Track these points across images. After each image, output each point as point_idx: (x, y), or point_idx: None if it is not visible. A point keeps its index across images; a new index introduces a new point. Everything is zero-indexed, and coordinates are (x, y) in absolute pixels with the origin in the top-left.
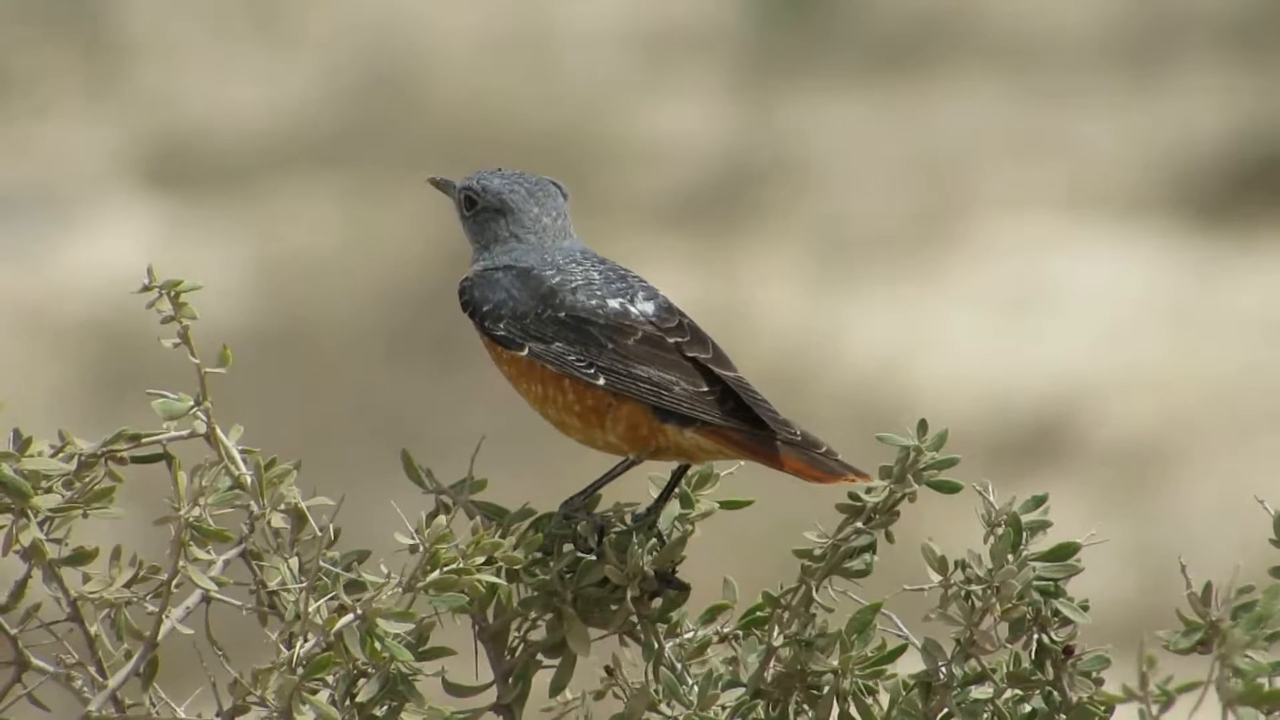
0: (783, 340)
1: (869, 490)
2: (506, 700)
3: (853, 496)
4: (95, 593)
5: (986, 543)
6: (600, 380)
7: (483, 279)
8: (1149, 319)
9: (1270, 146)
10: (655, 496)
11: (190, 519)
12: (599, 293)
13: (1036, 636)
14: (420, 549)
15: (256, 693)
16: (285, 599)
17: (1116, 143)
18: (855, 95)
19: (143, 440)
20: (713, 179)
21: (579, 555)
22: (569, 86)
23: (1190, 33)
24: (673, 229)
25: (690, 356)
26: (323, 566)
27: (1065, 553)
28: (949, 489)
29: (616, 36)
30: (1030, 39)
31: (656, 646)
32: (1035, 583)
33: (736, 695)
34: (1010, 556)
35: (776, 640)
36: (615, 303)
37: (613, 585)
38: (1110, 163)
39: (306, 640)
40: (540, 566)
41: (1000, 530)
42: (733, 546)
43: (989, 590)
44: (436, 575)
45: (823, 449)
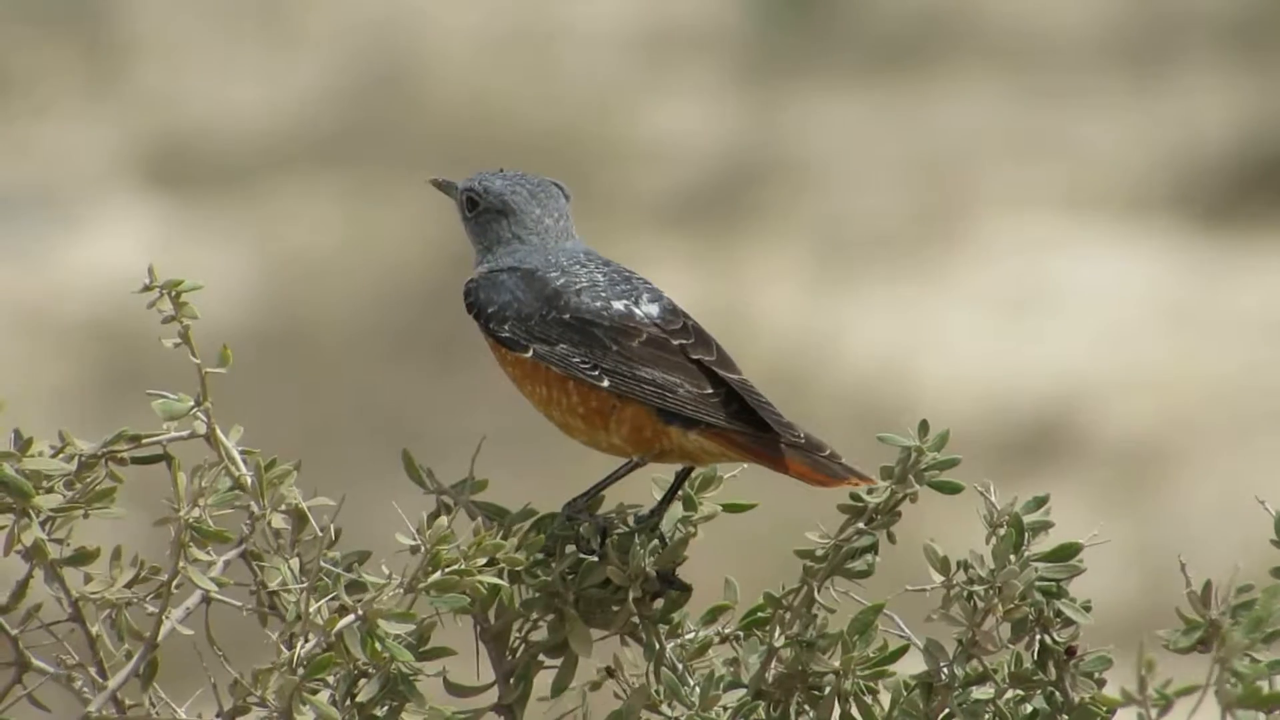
0: (783, 340)
1: (870, 491)
2: (508, 701)
3: (854, 497)
4: (97, 593)
5: (988, 543)
6: (605, 382)
7: (488, 280)
8: (1149, 319)
9: (1271, 147)
10: (658, 498)
11: (190, 520)
12: (603, 294)
13: (1038, 637)
14: (421, 550)
15: (257, 693)
16: (286, 599)
17: (1117, 143)
18: (856, 95)
19: (143, 441)
20: (713, 179)
21: (581, 556)
22: (570, 86)
23: (1191, 32)
24: (673, 229)
25: (694, 359)
26: (323, 567)
27: (1067, 553)
28: (950, 489)
29: (617, 36)
30: (1031, 39)
31: (658, 647)
32: (1037, 583)
33: (738, 696)
34: (1012, 557)
35: (778, 641)
36: (620, 304)
37: (615, 586)
38: (1111, 163)
39: (307, 641)
40: (542, 567)
41: (1002, 531)
42: (734, 547)
43: (991, 591)
44: (438, 576)
45: (826, 452)
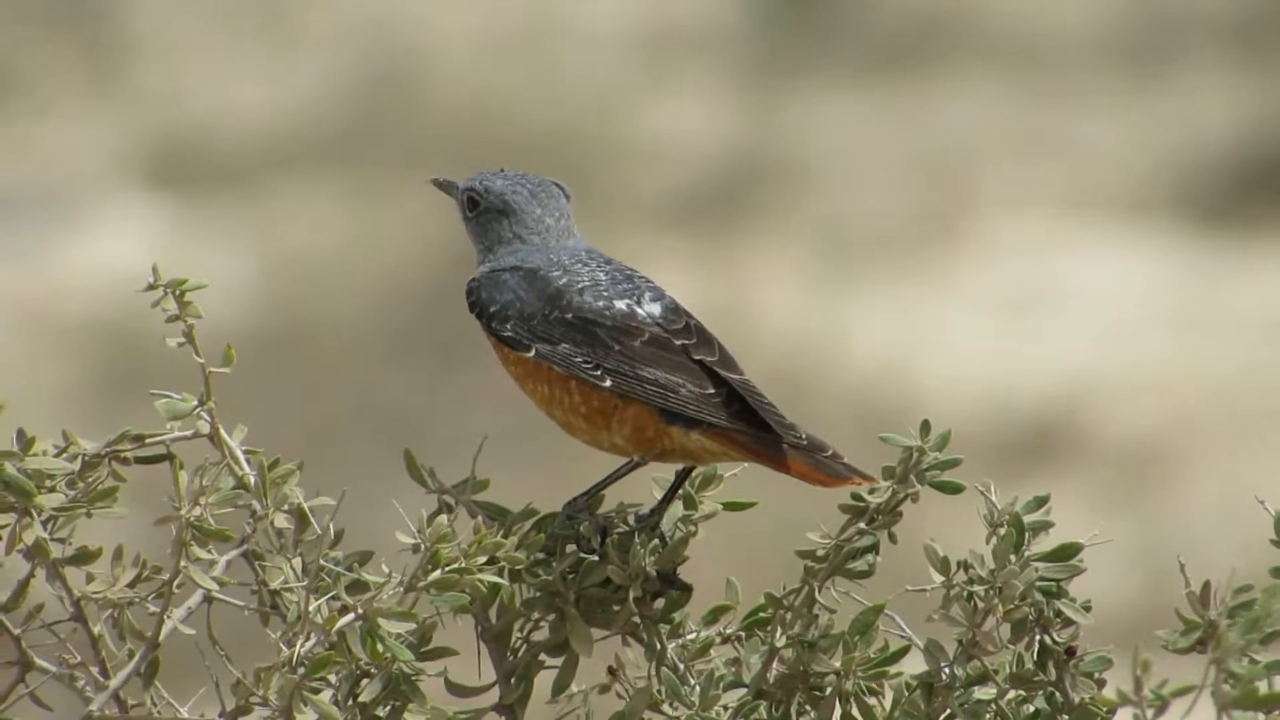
0: (784, 340)
1: (872, 491)
2: (509, 700)
3: (855, 497)
4: (99, 592)
5: (989, 543)
6: (607, 382)
7: (490, 279)
8: (1151, 319)
9: (1272, 147)
10: (659, 497)
11: (191, 519)
12: (606, 294)
13: (1039, 637)
14: (422, 549)
15: (259, 692)
16: (287, 599)
17: (1118, 143)
18: (856, 95)
19: (146, 440)
20: (714, 179)
21: (582, 556)
22: (570, 86)
23: (1191, 32)
24: (674, 229)
25: (697, 359)
26: (325, 566)
27: (1068, 553)
28: (951, 489)
29: (618, 36)
30: (1031, 39)
31: (659, 647)
32: (1038, 583)
33: (739, 696)
34: (1013, 557)
35: (779, 641)
36: (622, 304)
37: (615, 586)
38: (1111, 163)
39: (308, 640)
40: (543, 567)
41: (1003, 531)
42: (735, 547)
43: (991, 591)
44: (438, 575)
45: (828, 452)
